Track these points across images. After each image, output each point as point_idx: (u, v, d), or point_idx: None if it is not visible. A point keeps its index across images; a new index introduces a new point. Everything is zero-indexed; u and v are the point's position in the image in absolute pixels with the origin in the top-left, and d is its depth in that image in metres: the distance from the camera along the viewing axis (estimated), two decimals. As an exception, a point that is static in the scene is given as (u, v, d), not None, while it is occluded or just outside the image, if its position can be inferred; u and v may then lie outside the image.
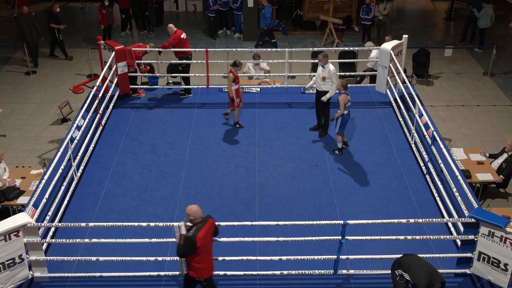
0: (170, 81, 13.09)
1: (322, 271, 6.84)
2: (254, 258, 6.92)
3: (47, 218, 7.38)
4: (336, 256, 6.71)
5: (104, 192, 8.40)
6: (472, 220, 6.53)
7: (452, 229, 7.52)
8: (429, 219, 6.96)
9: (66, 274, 6.82)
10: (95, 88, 9.67)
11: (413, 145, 9.43)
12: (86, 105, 9.40)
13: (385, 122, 10.28)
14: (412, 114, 9.57)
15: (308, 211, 8.06)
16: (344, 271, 6.89)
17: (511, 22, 18.36)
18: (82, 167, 8.81)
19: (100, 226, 7.14)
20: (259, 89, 11.43)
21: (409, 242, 7.12)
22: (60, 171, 7.99)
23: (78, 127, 8.80)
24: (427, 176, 8.64)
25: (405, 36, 10.92)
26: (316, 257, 6.83)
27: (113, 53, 10.47)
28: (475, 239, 6.62)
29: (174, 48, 10.91)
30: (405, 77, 10.33)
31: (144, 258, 6.77)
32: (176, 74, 11.84)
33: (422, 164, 8.90)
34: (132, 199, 8.28)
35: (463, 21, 17.47)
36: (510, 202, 9.91)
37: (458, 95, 13.93)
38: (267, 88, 11.50)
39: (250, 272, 6.84)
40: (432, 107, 13.04)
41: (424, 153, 8.91)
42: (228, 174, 8.88)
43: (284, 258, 6.83)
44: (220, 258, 6.77)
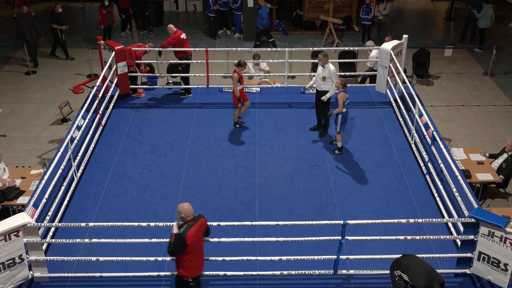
0: (170, 81, 13.09)
1: (322, 271, 6.84)
2: (254, 258, 6.92)
3: (47, 218, 7.38)
4: (336, 256, 6.70)
5: (104, 192, 8.40)
6: (472, 220, 6.53)
7: (452, 229, 7.51)
8: (429, 219, 6.96)
9: (66, 274, 6.82)
10: (95, 88, 9.67)
11: (413, 145, 9.43)
12: (86, 105, 9.40)
13: (385, 122, 10.28)
14: (412, 114, 9.57)
15: (308, 211, 8.06)
16: (344, 271, 6.89)
17: (511, 22, 18.36)
18: (82, 167, 8.81)
19: (100, 226, 7.14)
20: (259, 89, 11.43)
21: (409, 242, 7.12)
22: (60, 171, 7.99)
23: (78, 127, 8.80)
24: (427, 176, 8.64)
25: (405, 36, 10.92)
26: (316, 257, 6.83)
27: (113, 53, 10.47)
28: (475, 239, 6.62)
29: (174, 48, 10.93)
30: (405, 77, 10.33)
31: (144, 258, 6.77)
32: (176, 74, 11.84)
33: (422, 164, 8.90)
34: (132, 199, 8.28)
35: (463, 21, 17.47)
36: (510, 202, 9.91)
37: (458, 95, 13.93)
38: (267, 88, 11.50)
39: (250, 272, 6.83)
40: (432, 107, 13.04)
41: (424, 153, 8.90)
42: (228, 174, 8.88)
43: (284, 258, 6.82)
44: (220, 258, 6.78)
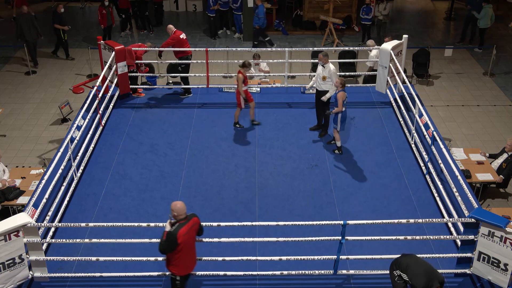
0: (170, 81, 13.09)
1: (322, 271, 6.84)
2: (254, 258, 6.92)
3: (47, 218, 7.38)
4: (336, 256, 6.70)
5: (104, 192, 8.40)
6: (472, 220, 6.53)
7: (452, 229, 7.51)
8: (429, 219, 6.97)
9: (66, 274, 6.82)
10: (95, 88, 9.67)
11: (413, 145, 9.43)
12: (86, 105, 9.40)
13: (385, 122, 10.28)
14: (412, 114, 9.57)
15: (308, 211, 8.06)
16: (344, 271, 6.88)
17: (511, 22, 18.36)
18: (82, 167, 8.81)
19: (100, 226, 7.14)
20: (259, 89, 11.43)
21: (409, 242, 7.12)
22: (60, 171, 7.99)
23: (78, 127, 8.80)
24: (427, 176, 8.64)
25: (405, 36, 10.92)
26: (316, 257, 6.83)
27: (113, 53, 10.47)
28: (475, 239, 6.62)
29: (174, 48, 10.93)
30: (405, 77, 10.33)
31: (144, 258, 6.77)
32: (176, 74, 11.84)
33: (422, 164, 8.90)
34: (132, 199, 8.28)
35: (463, 21, 17.46)
36: (510, 202, 9.91)
37: (458, 95, 13.93)
38: (267, 88, 11.50)
39: (250, 272, 6.83)
40: (432, 107, 13.04)
41: (424, 153, 8.90)
42: (228, 174, 8.88)
43: (284, 258, 6.82)
44: (220, 258, 6.78)
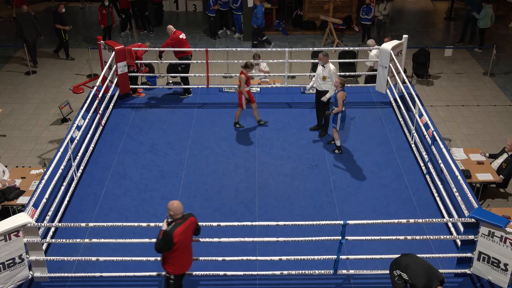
0: (170, 81, 13.09)
1: (322, 271, 6.84)
2: (254, 258, 6.92)
3: (47, 218, 7.38)
4: (336, 256, 6.70)
5: (104, 192, 8.40)
6: (472, 220, 6.53)
7: (452, 229, 7.51)
8: (429, 219, 6.96)
9: (66, 274, 6.82)
10: (95, 88, 9.67)
11: (413, 145, 9.43)
12: (86, 105, 9.40)
13: (385, 122, 10.28)
14: (412, 114, 9.57)
15: (308, 211, 8.06)
16: (344, 271, 6.89)
17: (511, 22, 18.36)
18: (82, 167, 8.81)
19: (100, 226, 7.13)
20: (259, 89, 11.43)
21: (409, 242, 7.12)
22: (60, 171, 7.99)
23: (78, 127, 8.80)
24: (427, 176, 8.64)
25: (405, 36, 10.92)
26: (316, 257, 6.83)
27: (113, 53, 10.47)
28: (475, 239, 6.62)
29: (173, 48, 10.93)
30: (405, 77, 10.33)
31: (144, 258, 6.77)
32: (176, 74, 11.84)
33: (422, 164, 8.90)
34: (132, 199, 8.28)
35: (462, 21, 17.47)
36: (510, 202, 9.91)
37: (458, 95, 13.93)
38: (267, 88, 11.50)
39: (250, 272, 6.83)
40: (432, 107, 13.04)
41: (424, 153, 8.90)
42: (228, 174, 8.88)
43: (284, 258, 6.82)
44: (220, 258, 6.78)
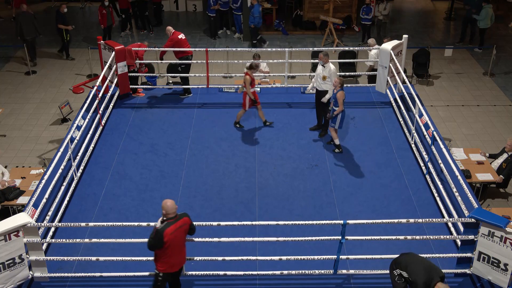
0: (170, 81, 13.10)
1: (322, 271, 6.84)
2: (254, 258, 6.92)
3: (47, 218, 7.38)
4: (336, 256, 6.70)
5: (104, 192, 8.40)
6: (472, 220, 6.52)
7: (452, 229, 7.51)
8: (429, 219, 6.96)
9: (66, 274, 6.82)
10: (95, 88, 9.67)
11: (413, 145, 9.43)
12: (86, 105, 9.40)
13: (385, 122, 10.28)
14: (412, 114, 9.57)
15: (308, 211, 8.06)
16: (344, 271, 6.88)
17: (511, 22, 18.36)
18: (82, 167, 8.81)
19: (100, 226, 7.14)
20: (259, 89, 11.42)
21: (409, 242, 7.11)
22: (60, 171, 7.99)
23: (78, 127, 8.80)
24: (427, 176, 8.64)
25: (405, 36, 10.91)
26: (316, 257, 6.83)
27: (113, 53, 10.47)
28: (475, 239, 6.62)
29: (173, 48, 10.94)
30: (405, 77, 10.33)
31: (144, 258, 6.77)
32: (176, 74, 11.84)
33: (422, 164, 8.90)
34: (132, 199, 8.28)
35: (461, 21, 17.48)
36: (510, 202, 9.91)
37: (458, 95, 13.93)
38: (267, 88, 11.50)
39: (250, 272, 6.83)
40: (432, 107, 13.04)
41: (424, 153, 8.90)
42: (228, 174, 8.88)
43: (284, 258, 6.82)
44: (220, 258, 6.78)
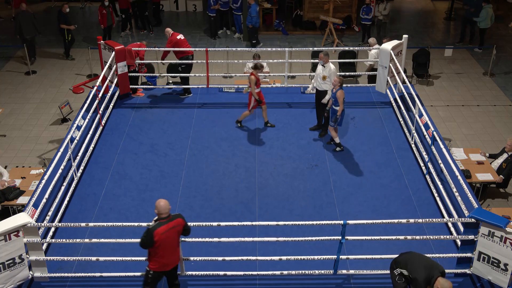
0: (170, 81, 13.10)
1: (322, 271, 6.84)
2: (254, 258, 6.92)
3: (47, 218, 7.38)
4: (336, 256, 6.70)
5: (104, 192, 8.40)
6: (472, 220, 6.52)
7: (452, 229, 7.51)
8: (429, 219, 6.96)
9: (66, 274, 6.82)
10: (95, 88, 9.67)
11: (413, 145, 9.43)
12: (86, 105, 9.40)
13: (385, 122, 10.28)
14: (412, 114, 9.57)
15: (308, 211, 8.06)
16: (344, 271, 6.88)
17: (511, 22, 18.36)
18: (82, 167, 8.81)
19: (100, 226, 7.13)
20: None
21: (409, 242, 7.11)
22: (60, 171, 7.99)
23: (78, 127, 8.80)
24: (427, 176, 8.64)
25: (405, 36, 10.91)
26: (316, 257, 6.83)
27: (113, 53, 10.47)
28: (475, 239, 6.62)
29: (173, 48, 10.96)
30: (405, 77, 10.33)
31: (144, 258, 6.74)
32: (176, 74, 11.85)
33: (422, 164, 8.90)
34: (132, 199, 8.28)
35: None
36: (510, 202, 9.91)
37: (458, 95, 13.93)
38: (267, 88, 11.49)
39: (250, 272, 6.83)
40: (432, 107, 13.04)
41: (424, 153, 8.90)
42: (228, 174, 8.88)
43: (284, 258, 6.82)
44: (220, 258, 6.78)
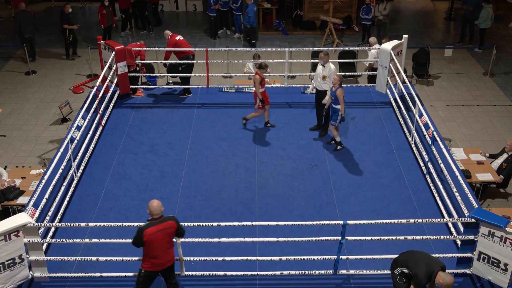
0: (170, 81, 13.09)
1: (322, 271, 6.84)
2: (254, 258, 6.92)
3: (47, 218, 7.38)
4: (336, 256, 6.70)
5: (104, 192, 8.40)
6: (472, 220, 6.52)
7: (452, 229, 7.51)
8: (429, 219, 6.96)
9: (66, 274, 6.82)
10: (95, 88, 9.67)
11: (413, 145, 9.43)
12: (86, 105, 9.40)
13: (385, 122, 10.28)
14: (412, 114, 9.57)
15: (308, 211, 8.06)
16: (344, 271, 6.88)
17: (511, 22, 18.36)
18: (82, 167, 8.81)
19: (100, 226, 7.13)
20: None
21: (409, 242, 7.10)
22: (60, 171, 7.99)
23: (78, 127, 8.80)
24: (427, 176, 8.64)
25: (405, 36, 10.91)
26: (316, 257, 6.83)
27: (113, 53, 10.47)
28: (475, 239, 6.62)
29: (173, 48, 10.97)
30: (405, 77, 10.33)
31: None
32: (176, 74, 11.84)
33: (422, 164, 8.90)
34: (132, 199, 8.28)
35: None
36: (510, 202, 9.91)
37: (458, 95, 13.93)
38: (267, 88, 11.43)
39: (250, 272, 6.83)
40: (432, 107, 13.04)
41: (424, 153, 8.90)
42: (228, 174, 8.88)
43: (284, 258, 6.82)
44: (220, 258, 6.78)
